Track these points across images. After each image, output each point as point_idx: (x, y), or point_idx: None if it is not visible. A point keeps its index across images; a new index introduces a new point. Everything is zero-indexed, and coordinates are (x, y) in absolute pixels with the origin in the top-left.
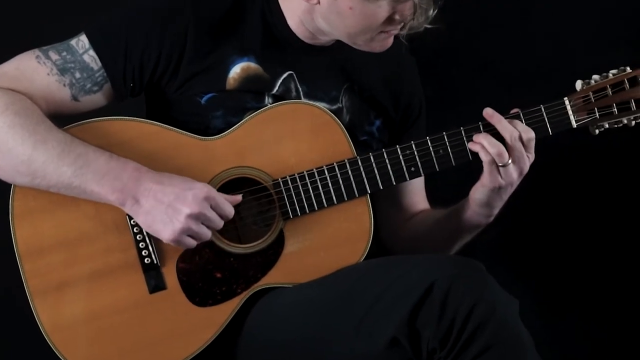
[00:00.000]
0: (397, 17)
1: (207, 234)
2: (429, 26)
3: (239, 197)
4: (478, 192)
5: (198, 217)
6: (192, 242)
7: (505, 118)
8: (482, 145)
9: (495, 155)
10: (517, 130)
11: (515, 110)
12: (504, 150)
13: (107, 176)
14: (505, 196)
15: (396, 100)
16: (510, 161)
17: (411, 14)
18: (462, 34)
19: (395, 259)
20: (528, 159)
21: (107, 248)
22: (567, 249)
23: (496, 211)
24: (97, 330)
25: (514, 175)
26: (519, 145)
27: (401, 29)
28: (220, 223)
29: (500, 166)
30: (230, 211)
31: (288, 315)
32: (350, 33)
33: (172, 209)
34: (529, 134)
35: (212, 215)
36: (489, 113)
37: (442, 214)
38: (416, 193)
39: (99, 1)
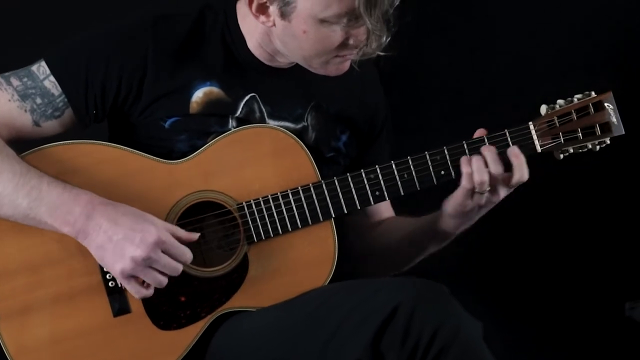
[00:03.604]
0: (351, 41)
1: (158, 279)
2: (382, 53)
3: (195, 235)
4: (450, 206)
5: (144, 261)
6: (142, 291)
7: (474, 143)
8: (471, 172)
9: (477, 183)
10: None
11: (480, 130)
12: (487, 180)
13: (59, 210)
14: (474, 215)
15: (362, 112)
16: (488, 189)
17: (365, 39)
18: (427, 57)
19: (359, 282)
20: (504, 193)
21: (72, 272)
22: (530, 271)
23: (464, 227)
24: (62, 354)
25: (482, 201)
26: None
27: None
28: (175, 267)
29: (477, 192)
30: (184, 255)
31: (252, 339)
32: (305, 56)
33: (119, 247)
34: (523, 178)
35: (163, 259)
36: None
37: (413, 225)
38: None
39: (60, 26)
